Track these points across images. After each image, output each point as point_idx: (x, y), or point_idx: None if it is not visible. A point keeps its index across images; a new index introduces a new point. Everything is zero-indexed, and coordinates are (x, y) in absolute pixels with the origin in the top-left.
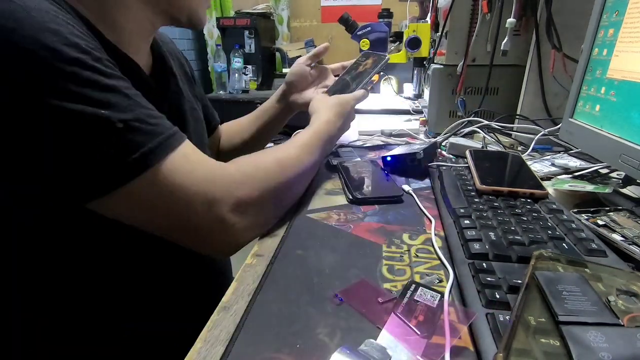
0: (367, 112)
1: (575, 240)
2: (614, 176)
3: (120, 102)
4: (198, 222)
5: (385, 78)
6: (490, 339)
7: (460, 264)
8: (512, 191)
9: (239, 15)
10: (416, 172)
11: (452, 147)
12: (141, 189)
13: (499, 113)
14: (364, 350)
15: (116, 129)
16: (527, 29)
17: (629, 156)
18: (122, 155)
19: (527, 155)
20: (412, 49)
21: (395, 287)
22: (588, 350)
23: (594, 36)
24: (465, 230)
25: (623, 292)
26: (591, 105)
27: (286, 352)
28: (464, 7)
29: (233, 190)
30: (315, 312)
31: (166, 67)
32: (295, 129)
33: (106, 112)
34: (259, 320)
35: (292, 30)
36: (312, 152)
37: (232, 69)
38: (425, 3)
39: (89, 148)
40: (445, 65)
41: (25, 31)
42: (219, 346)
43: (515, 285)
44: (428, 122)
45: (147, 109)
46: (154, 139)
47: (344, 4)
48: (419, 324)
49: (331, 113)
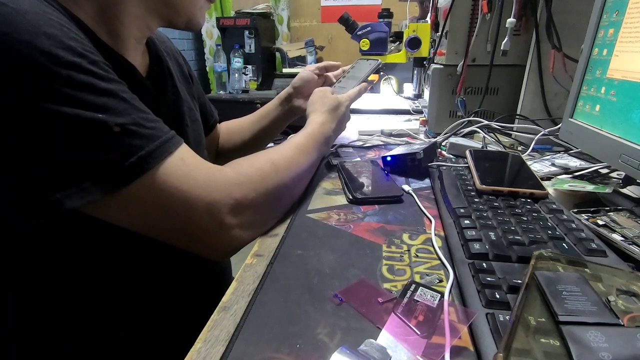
0: (367, 112)
1: (575, 240)
2: (614, 176)
3: (116, 106)
4: (196, 225)
5: (385, 78)
6: (490, 339)
7: (460, 264)
8: (512, 191)
9: (239, 15)
10: (416, 172)
11: (452, 147)
12: (138, 193)
13: (499, 113)
14: (364, 350)
15: (113, 132)
16: (527, 29)
17: (629, 156)
18: (119, 159)
19: (527, 155)
20: (412, 49)
21: (395, 287)
22: (588, 350)
23: (594, 36)
24: (465, 230)
25: (623, 292)
26: (591, 105)
27: (286, 352)
28: (464, 7)
29: (231, 192)
30: (315, 312)
31: (163, 68)
32: (297, 129)
33: (103, 116)
34: (259, 320)
35: (292, 30)
36: (308, 154)
37: (232, 69)
38: (425, 3)
39: (85, 152)
40: (445, 65)
41: (20, 35)
42: (219, 346)
43: (515, 285)
44: (428, 122)
45: (144, 113)
46: (151, 143)
47: (344, 4)
48: (419, 324)
49: (326, 115)
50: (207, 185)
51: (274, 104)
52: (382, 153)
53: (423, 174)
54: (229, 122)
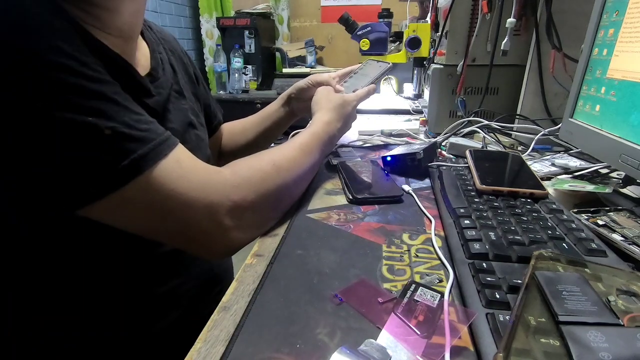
0: (367, 112)
1: (575, 240)
2: (614, 176)
3: (108, 109)
4: (195, 227)
5: (385, 78)
6: (490, 339)
7: (460, 264)
8: (512, 191)
9: (239, 15)
10: (416, 172)
11: (452, 147)
12: (134, 196)
13: (499, 113)
14: (364, 350)
15: (104, 135)
16: (527, 29)
17: (629, 156)
18: (112, 162)
19: (527, 155)
20: (412, 49)
21: (395, 287)
22: (588, 350)
23: (594, 36)
24: (465, 230)
25: (623, 292)
26: (591, 105)
27: (286, 352)
28: (464, 7)
29: (229, 194)
30: (315, 312)
31: (164, 67)
32: (297, 129)
33: (93, 120)
34: (259, 320)
35: (292, 30)
36: (311, 154)
37: (232, 69)
38: (425, 3)
39: (77, 155)
40: (445, 65)
41: (6, 36)
42: (219, 346)
43: (515, 285)
44: (428, 122)
45: (137, 114)
46: (144, 146)
47: (344, 4)
48: (419, 324)
49: (332, 114)
50: (205, 187)
51: (277, 104)
52: (382, 153)
53: (423, 174)
54: (232, 123)
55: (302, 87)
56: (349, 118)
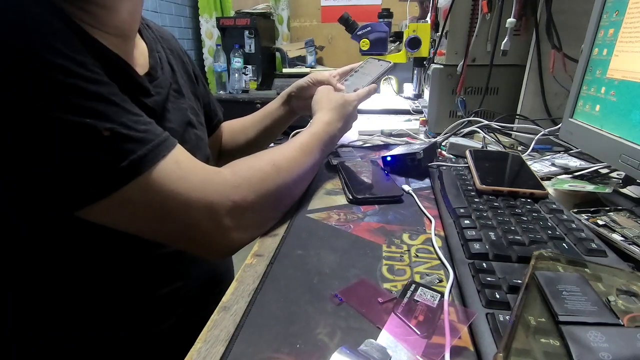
0: (367, 112)
1: (575, 240)
2: (614, 176)
3: (106, 110)
4: (195, 227)
5: (385, 78)
6: (490, 339)
7: (460, 264)
8: (512, 191)
9: (239, 15)
10: (416, 172)
11: (452, 147)
12: (133, 197)
13: (499, 113)
14: (364, 350)
15: (102, 137)
16: (527, 29)
17: (629, 156)
18: (111, 163)
19: (527, 155)
20: (412, 49)
21: (395, 287)
22: (588, 350)
23: (594, 36)
24: (465, 230)
25: (623, 292)
26: (591, 105)
27: (286, 352)
28: (464, 7)
29: (229, 194)
30: (315, 312)
31: (163, 66)
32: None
33: (91, 121)
34: (259, 320)
35: (292, 30)
36: (311, 154)
37: (232, 69)
38: (425, 3)
39: (76, 156)
40: (445, 65)
41: (6, 36)
42: (219, 346)
43: (515, 285)
44: (428, 122)
45: (135, 115)
46: (142, 147)
47: (344, 4)
48: (419, 324)
49: (332, 113)
50: (205, 187)
51: (277, 102)
52: (382, 153)
53: (423, 174)
54: (232, 122)
55: (302, 85)
56: (350, 118)
